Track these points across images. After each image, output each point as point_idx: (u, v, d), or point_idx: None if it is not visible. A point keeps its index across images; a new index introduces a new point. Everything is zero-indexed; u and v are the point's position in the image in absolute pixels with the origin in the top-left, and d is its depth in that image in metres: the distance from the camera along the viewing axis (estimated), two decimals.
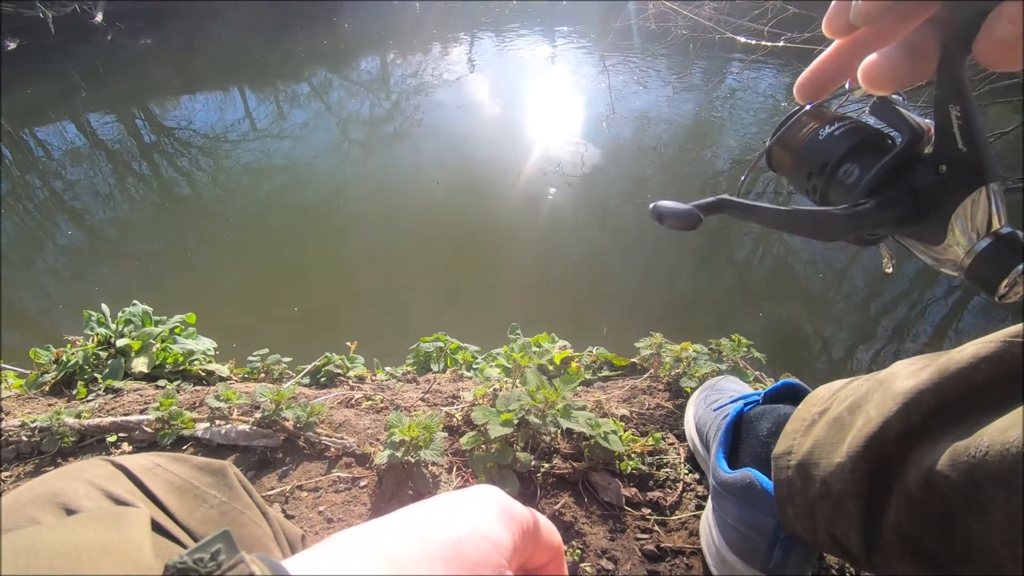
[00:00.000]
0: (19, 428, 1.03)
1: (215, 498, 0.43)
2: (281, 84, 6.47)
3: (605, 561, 0.78)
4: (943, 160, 0.35)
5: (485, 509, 0.27)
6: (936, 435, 0.47)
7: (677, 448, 0.97)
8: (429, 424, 0.86)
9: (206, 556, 0.19)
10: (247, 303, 3.08)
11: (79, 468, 0.42)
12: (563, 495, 0.87)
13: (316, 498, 0.89)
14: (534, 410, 0.87)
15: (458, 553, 0.23)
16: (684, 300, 3.15)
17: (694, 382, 1.09)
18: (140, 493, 0.40)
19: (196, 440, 1.01)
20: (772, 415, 0.73)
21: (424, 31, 8.06)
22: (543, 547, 0.30)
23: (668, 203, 0.38)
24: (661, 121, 5.01)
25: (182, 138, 5.19)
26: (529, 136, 4.88)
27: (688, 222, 0.37)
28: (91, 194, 4.25)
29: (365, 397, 1.16)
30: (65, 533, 0.22)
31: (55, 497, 0.38)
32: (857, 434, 0.53)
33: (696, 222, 0.37)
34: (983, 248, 0.34)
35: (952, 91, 0.33)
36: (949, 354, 0.49)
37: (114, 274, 3.46)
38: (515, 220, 3.70)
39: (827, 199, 0.42)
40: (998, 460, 0.40)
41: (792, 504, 0.60)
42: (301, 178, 4.39)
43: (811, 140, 0.43)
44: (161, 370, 1.37)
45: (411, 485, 0.87)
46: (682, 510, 0.86)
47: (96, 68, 6.79)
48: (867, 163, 0.39)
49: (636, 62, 6.33)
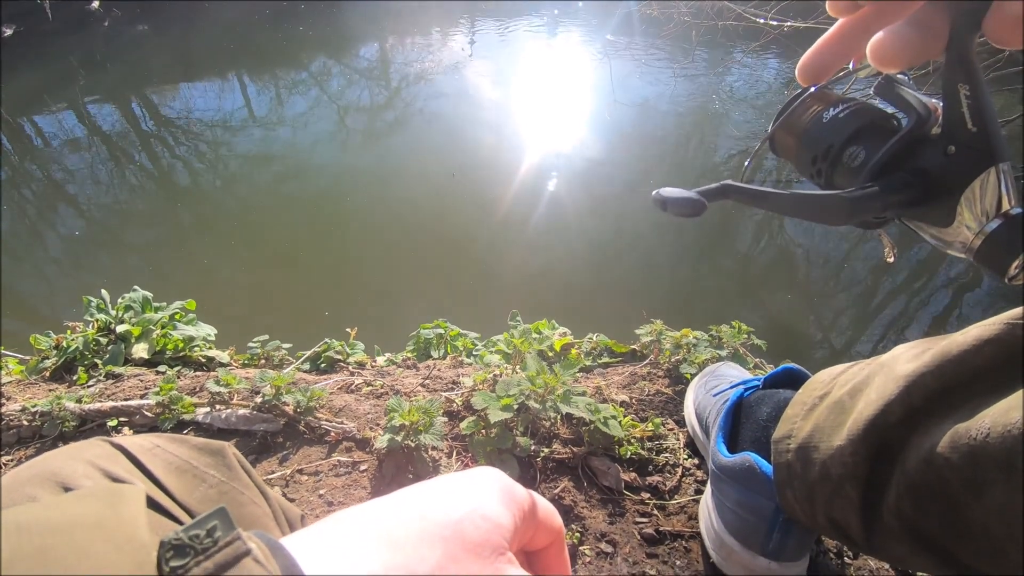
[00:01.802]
0: (20, 412, 1.03)
1: (214, 478, 0.43)
2: (280, 71, 6.42)
3: (604, 544, 0.78)
4: (952, 141, 0.35)
5: (486, 490, 0.27)
6: (937, 418, 0.47)
7: (677, 434, 0.98)
8: (429, 409, 0.86)
9: (202, 533, 0.18)
10: (247, 290, 3.08)
11: (78, 448, 0.42)
12: (563, 479, 0.87)
13: (316, 482, 0.89)
14: (534, 395, 0.87)
15: (458, 533, 0.23)
16: (684, 287, 3.14)
17: (694, 368, 1.09)
18: (139, 473, 0.40)
19: (196, 424, 1.01)
20: (772, 400, 0.73)
21: (424, 18, 7.98)
22: (544, 529, 0.30)
23: (671, 190, 0.37)
24: (663, 109, 4.98)
25: (181, 126, 5.16)
26: (530, 124, 4.86)
27: (692, 209, 0.36)
28: (91, 182, 4.24)
29: (365, 383, 1.16)
30: (59, 510, 0.22)
31: (53, 476, 0.38)
32: (858, 417, 0.52)
33: (701, 209, 0.37)
34: (993, 229, 0.33)
35: (961, 70, 0.32)
36: (951, 337, 0.49)
37: (113, 262, 3.46)
38: (516, 207, 3.69)
39: (833, 183, 0.41)
40: (999, 442, 0.40)
41: (791, 487, 0.60)
42: (301, 166, 4.37)
43: (815, 123, 0.42)
44: (161, 356, 1.37)
45: (411, 469, 0.87)
46: (681, 494, 0.87)
47: (94, 55, 6.74)
48: (873, 145, 0.38)
49: (638, 50, 6.27)
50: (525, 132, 4.72)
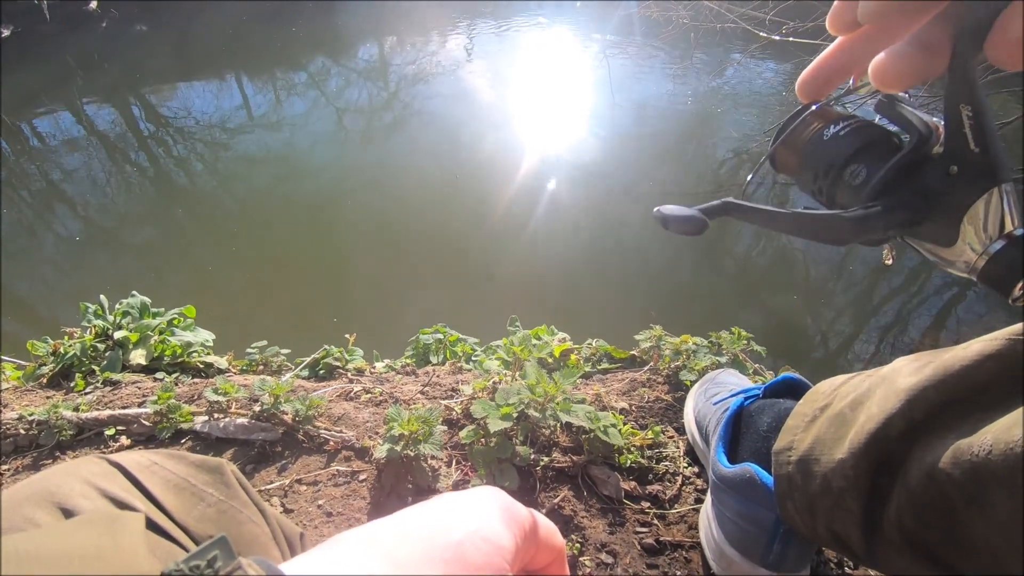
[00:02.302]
0: (17, 421, 1.03)
1: (212, 496, 0.43)
2: (278, 72, 6.41)
3: (604, 555, 0.78)
4: (954, 161, 0.34)
5: (486, 510, 0.26)
6: (939, 432, 0.47)
7: (676, 441, 0.97)
8: (428, 418, 0.86)
9: (203, 563, 0.18)
10: (245, 294, 3.08)
11: (75, 465, 0.41)
12: (562, 489, 0.87)
13: (315, 492, 0.89)
14: (534, 404, 0.87)
15: (459, 555, 0.23)
16: (684, 290, 3.15)
17: (694, 375, 1.09)
18: (137, 492, 0.40)
19: (195, 433, 1.01)
20: (772, 410, 0.73)
21: (422, 19, 7.98)
22: (545, 548, 0.30)
23: (672, 208, 0.37)
24: (662, 111, 4.98)
25: (179, 127, 5.15)
26: (529, 126, 4.85)
27: (694, 227, 0.36)
28: (88, 184, 4.23)
29: (364, 390, 1.16)
30: (60, 539, 0.22)
31: (51, 496, 0.37)
32: (859, 430, 0.52)
33: (702, 227, 0.36)
34: (997, 250, 0.33)
35: (964, 90, 0.32)
36: (953, 351, 0.49)
37: (111, 265, 3.45)
38: (515, 211, 3.68)
39: (834, 201, 0.41)
40: (1001, 459, 0.39)
41: (792, 499, 0.60)
42: (299, 168, 4.37)
43: (816, 140, 0.41)
44: (159, 362, 1.37)
45: (410, 479, 0.87)
46: (681, 504, 0.87)
47: (91, 55, 6.73)
48: (874, 164, 0.38)
49: (637, 52, 6.27)
50: (524, 134, 4.72)
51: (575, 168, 4.10)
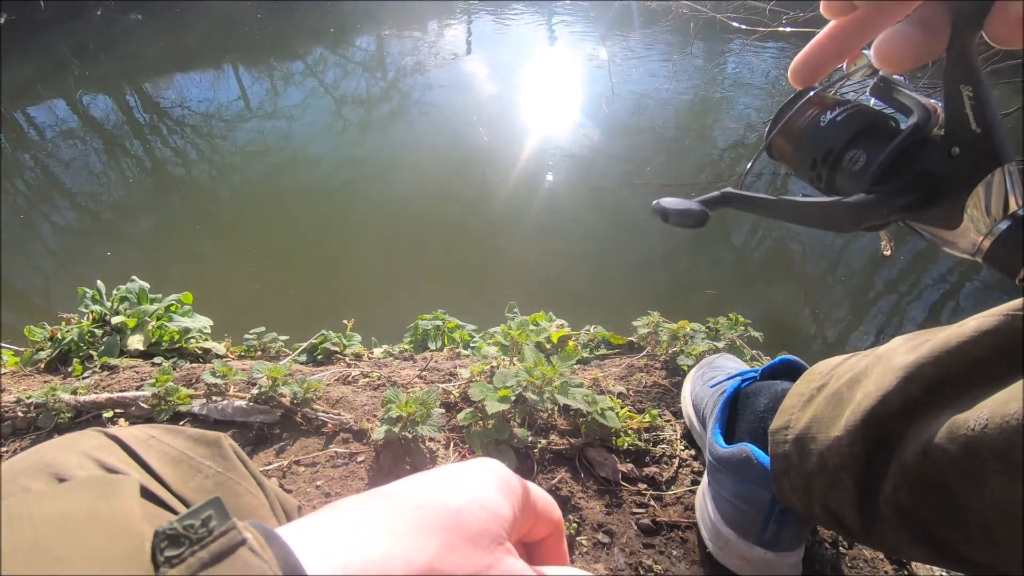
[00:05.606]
0: (15, 404, 1.03)
1: (210, 468, 0.43)
2: (275, 62, 6.37)
3: (601, 535, 0.79)
4: (956, 142, 0.34)
5: (485, 480, 0.27)
6: (935, 409, 0.47)
7: (673, 425, 0.98)
8: (426, 400, 0.86)
9: (197, 522, 0.18)
10: (243, 281, 3.07)
11: (73, 439, 0.41)
12: (560, 470, 0.88)
13: (313, 473, 0.89)
14: (531, 387, 0.87)
15: (457, 522, 0.23)
16: (682, 278, 3.15)
17: (691, 360, 1.09)
18: (134, 463, 0.40)
19: (193, 416, 1.01)
20: (769, 391, 0.73)
21: (421, 9, 7.92)
22: (543, 520, 0.30)
23: (672, 201, 0.36)
24: (660, 101, 4.96)
25: (176, 117, 5.12)
26: (528, 117, 4.84)
27: (694, 219, 0.36)
28: (85, 174, 4.20)
29: (362, 374, 1.16)
30: (52, 501, 0.21)
31: (48, 467, 0.37)
32: (856, 408, 0.52)
33: (703, 219, 0.36)
34: (1002, 231, 0.32)
35: (964, 70, 0.32)
36: (949, 328, 0.49)
37: (108, 252, 3.44)
38: (513, 200, 3.68)
39: (834, 188, 0.40)
40: (997, 433, 0.39)
41: (788, 478, 0.60)
42: (297, 158, 4.35)
43: (812, 127, 0.41)
44: (157, 348, 1.37)
45: (408, 460, 0.87)
46: (678, 485, 0.87)
47: (87, 44, 6.68)
48: (873, 149, 0.37)
49: (636, 42, 6.24)
50: (523, 123, 4.70)
51: (574, 157, 4.09)
